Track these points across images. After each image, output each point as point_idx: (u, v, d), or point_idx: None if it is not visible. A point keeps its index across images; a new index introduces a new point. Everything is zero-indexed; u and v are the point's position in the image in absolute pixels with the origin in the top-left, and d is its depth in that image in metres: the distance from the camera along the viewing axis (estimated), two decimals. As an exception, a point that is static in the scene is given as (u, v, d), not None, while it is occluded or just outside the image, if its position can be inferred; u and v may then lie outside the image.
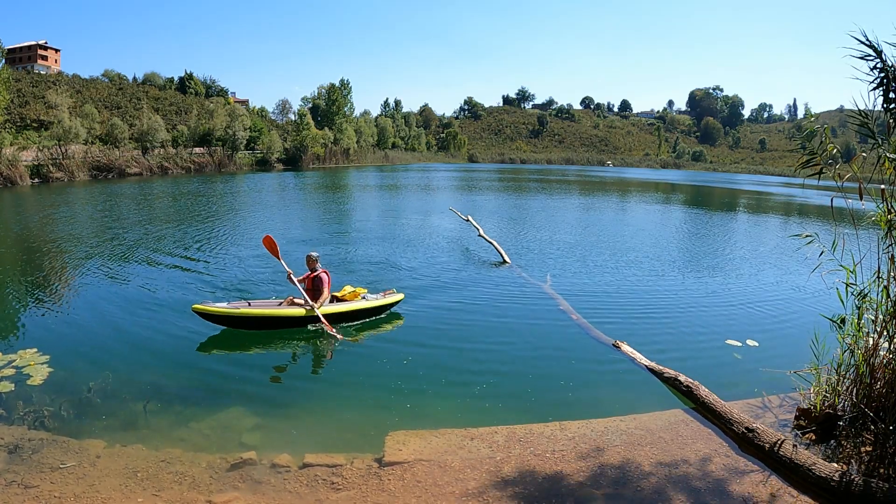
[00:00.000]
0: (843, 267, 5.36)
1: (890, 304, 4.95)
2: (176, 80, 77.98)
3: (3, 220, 20.15)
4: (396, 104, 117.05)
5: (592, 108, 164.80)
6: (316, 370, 7.06)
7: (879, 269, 5.07)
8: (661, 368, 6.62)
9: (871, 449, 4.86)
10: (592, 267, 13.31)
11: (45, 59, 69.14)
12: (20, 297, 9.81)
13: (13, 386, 5.90)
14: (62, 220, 19.63)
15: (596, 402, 6.03)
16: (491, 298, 10.08)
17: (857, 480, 4.17)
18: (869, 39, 4.74)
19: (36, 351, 6.83)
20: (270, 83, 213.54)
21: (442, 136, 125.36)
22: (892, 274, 4.93)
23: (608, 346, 7.57)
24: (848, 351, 5.34)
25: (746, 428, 5.07)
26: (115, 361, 6.73)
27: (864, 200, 5.03)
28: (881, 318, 5.06)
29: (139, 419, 5.37)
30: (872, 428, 4.95)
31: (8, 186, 34.10)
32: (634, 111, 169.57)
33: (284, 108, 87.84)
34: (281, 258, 8.28)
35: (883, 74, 4.72)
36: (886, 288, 4.98)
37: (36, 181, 37.37)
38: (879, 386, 5.03)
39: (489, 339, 7.97)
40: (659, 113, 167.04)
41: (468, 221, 17.32)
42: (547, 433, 5.22)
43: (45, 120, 46.69)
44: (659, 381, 6.47)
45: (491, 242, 14.62)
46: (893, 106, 4.79)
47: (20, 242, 15.07)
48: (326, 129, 72.27)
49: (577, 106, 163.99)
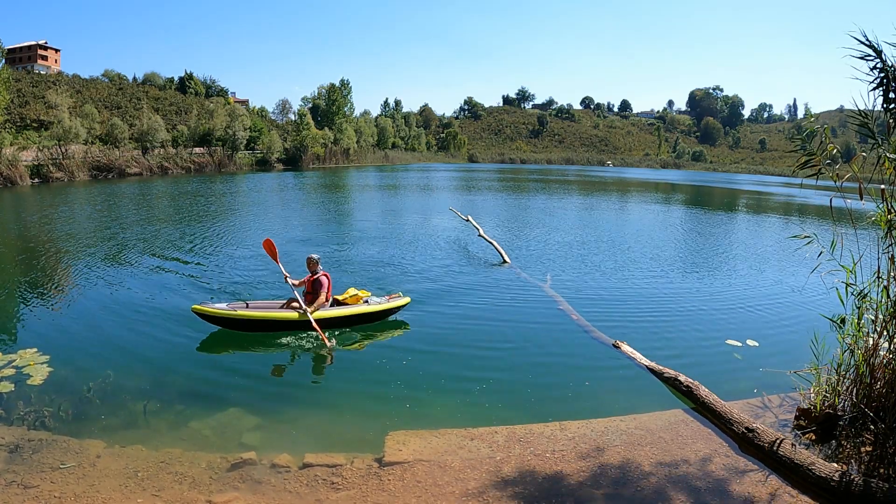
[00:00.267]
0: (842, 267, 5.36)
1: (890, 304, 4.95)
2: (176, 80, 77.97)
3: (3, 220, 20.14)
4: (396, 104, 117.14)
5: (592, 108, 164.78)
6: (316, 370, 7.06)
7: (879, 269, 5.07)
8: (661, 368, 6.62)
9: (871, 449, 4.86)
10: (592, 267, 13.31)
11: (45, 59, 69.13)
12: (20, 297, 9.80)
13: (13, 386, 5.90)
14: (62, 220, 19.63)
15: (596, 402, 6.03)
16: (491, 298, 10.08)
17: (857, 480, 4.17)
18: (869, 39, 4.74)
19: (36, 351, 6.83)
20: (270, 83, 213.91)
21: (442, 136, 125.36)
22: (892, 274, 4.93)
23: (608, 346, 7.57)
24: (848, 351, 5.34)
25: (746, 428, 5.07)
26: (115, 361, 6.72)
27: (864, 200, 5.03)
28: (881, 318, 5.07)
29: (139, 419, 5.37)
30: (872, 428, 4.95)
31: (8, 186, 34.10)
32: (634, 111, 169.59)
33: (284, 108, 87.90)
34: (279, 261, 8.24)
35: (883, 74, 4.73)
36: (886, 288, 4.99)
37: (36, 181, 37.36)
38: (879, 386, 5.03)
39: (489, 339, 7.97)
40: (659, 113, 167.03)
41: (468, 221, 17.34)
42: (547, 433, 5.22)
43: (45, 120, 46.68)
44: (659, 381, 6.47)
45: (491, 242, 14.63)
46: (893, 106, 4.79)
47: (20, 242, 15.07)
48: (326, 129, 72.28)
49: (577, 106, 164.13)
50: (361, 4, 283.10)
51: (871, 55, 4.75)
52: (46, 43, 69.92)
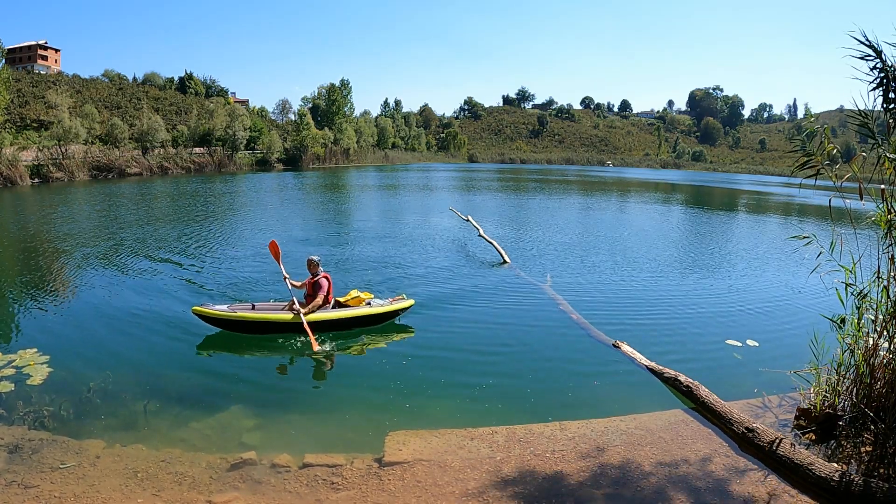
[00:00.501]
0: (842, 267, 5.36)
1: (890, 304, 4.95)
2: (176, 80, 77.97)
3: (3, 220, 20.14)
4: (396, 104, 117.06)
5: (592, 108, 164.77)
6: (316, 371, 7.04)
7: (879, 269, 5.07)
8: (661, 368, 6.62)
9: (871, 449, 4.86)
10: (592, 267, 13.31)
11: (45, 59, 69.14)
12: (20, 297, 9.80)
13: (13, 386, 5.90)
14: (62, 220, 19.62)
15: (596, 402, 6.03)
16: (491, 299, 10.08)
17: (856, 480, 4.17)
18: (869, 40, 4.74)
19: (36, 351, 6.83)
20: (270, 83, 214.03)
21: (442, 136, 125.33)
22: (891, 274, 4.93)
23: (608, 346, 7.56)
24: (848, 351, 5.34)
25: (746, 428, 5.07)
26: (115, 361, 6.72)
27: (863, 200, 5.03)
28: (881, 318, 5.07)
29: (139, 419, 5.37)
30: (872, 428, 4.95)
31: (8, 186, 34.10)
32: (634, 111, 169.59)
33: (284, 108, 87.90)
34: (281, 263, 8.27)
35: (883, 74, 4.72)
36: (886, 288, 4.99)
37: (36, 181, 37.36)
38: (879, 386, 5.03)
39: (489, 339, 7.97)
40: (659, 113, 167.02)
41: (468, 221, 17.34)
42: (547, 433, 5.22)
43: (45, 120, 46.68)
44: (659, 381, 6.47)
45: (491, 242, 14.63)
46: (893, 106, 4.79)
47: (20, 242, 15.07)
48: (326, 129, 72.28)
49: (577, 106, 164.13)
50: (361, 4, 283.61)
51: (870, 55, 4.75)
52: (46, 43, 69.96)
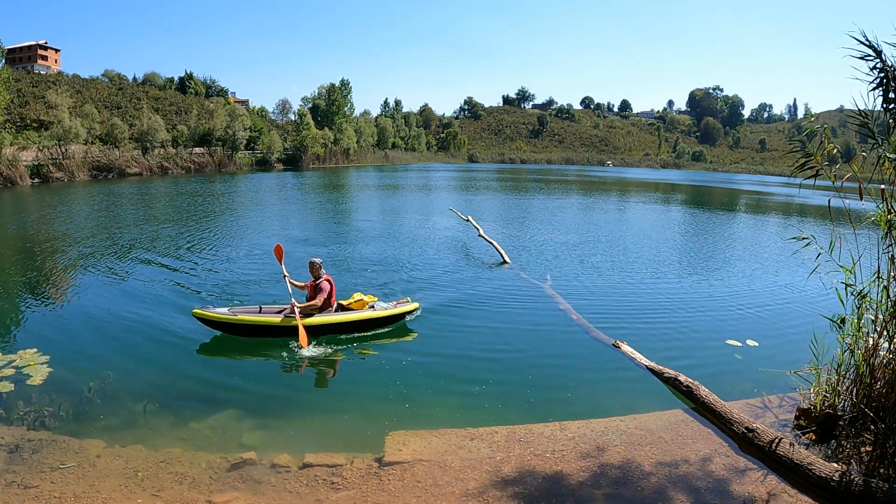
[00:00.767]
0: (842, 267, 5.36)
1: (890, 304, 4.95)
2: (176, 80, 78.00)
3: (2, 220, 20.14)
4: (396, 104, 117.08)
5: (592, 108, 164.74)
6: (316, 371, 7.04)
7: (879, 269, 5.07)
8: (661, 368, 6.62)
9: (871, 449, 4.86)
10: (592, 267, 13.31)
11: (45, 59, 69.13)
12: (20, 297, 9.80)
13: (13, 386, 5.90)
14: (62, 219, 19.62)
15: (596, 402, 6.03)
16: (491, 299, 10.08)
17: (857, 480, 4.17)
18: (869, 40, 4.74)
19: (36, 351, 6.83)
20: (270, 83, 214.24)
21: (442, 136, 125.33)
22: (891, 274, 4.93)
23: (608, 346, 7.56)
24: (848, 351, 5.34)
25: (746, 428, 5.07)
26: (115, 361, 6.72)
27: (863, 201, 5.03)
28: (881, 318, 5.07)
29: (139, 419, 5.37)
30: (872, 428, 4.95)
31: (8, 186, 34.10)
32: (634, 111, 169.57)
33: (284, 108, 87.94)
34: (283, 263, 8.35)
35: (883, 74, 4.72)
36: (886, 288, 4.99)
37: (36, 181, 37.36)
38: (879, 386, 5.03)
39: (489, 339, 7.97)
40: (659, 113, 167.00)
41: (468, 221, 17.34)
42: (547, 433, 5.22)
43: (45, 120, 46.68)
44: (659, 381, 6.47)
45: (491, 242, 14.62)
46: (893, 106, 4.79)
47: (20, 242, 15.06)
48: (326, 129, 72.29)
49: (577, 106, 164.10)
50: (361, 4, 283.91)
51: (870, 55, 4.75)
52: (46, 43, 69.95)
